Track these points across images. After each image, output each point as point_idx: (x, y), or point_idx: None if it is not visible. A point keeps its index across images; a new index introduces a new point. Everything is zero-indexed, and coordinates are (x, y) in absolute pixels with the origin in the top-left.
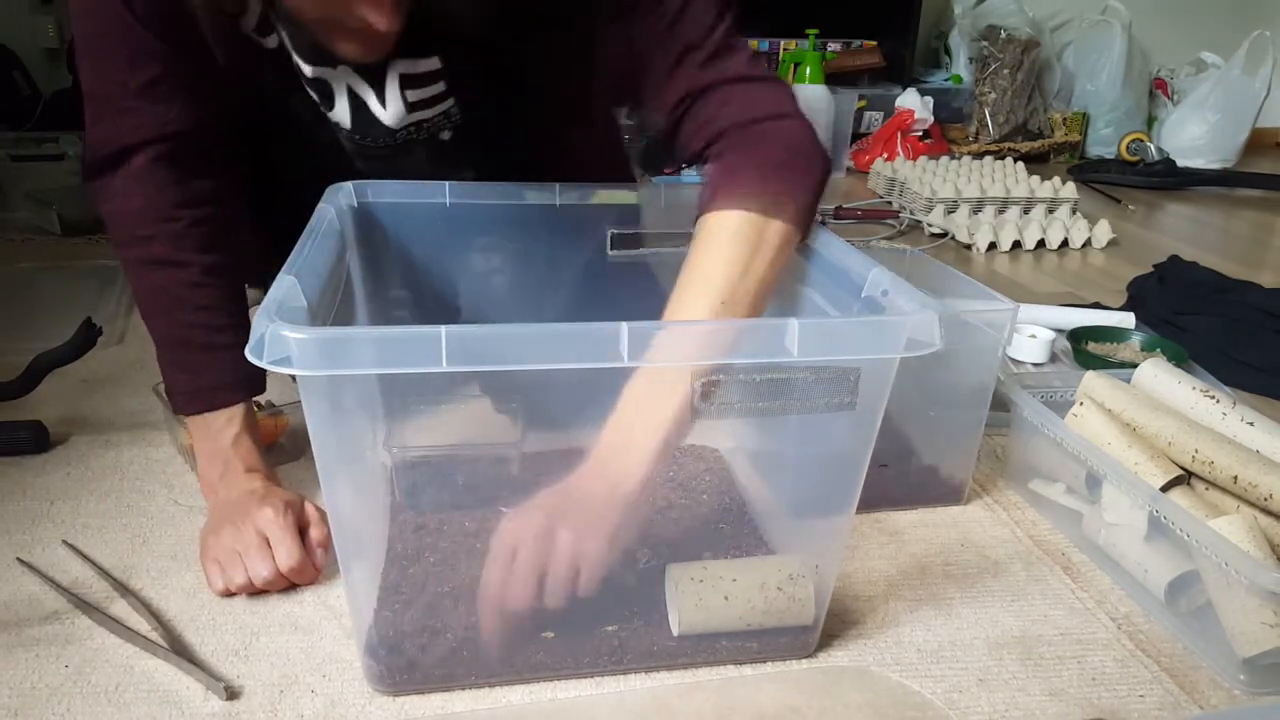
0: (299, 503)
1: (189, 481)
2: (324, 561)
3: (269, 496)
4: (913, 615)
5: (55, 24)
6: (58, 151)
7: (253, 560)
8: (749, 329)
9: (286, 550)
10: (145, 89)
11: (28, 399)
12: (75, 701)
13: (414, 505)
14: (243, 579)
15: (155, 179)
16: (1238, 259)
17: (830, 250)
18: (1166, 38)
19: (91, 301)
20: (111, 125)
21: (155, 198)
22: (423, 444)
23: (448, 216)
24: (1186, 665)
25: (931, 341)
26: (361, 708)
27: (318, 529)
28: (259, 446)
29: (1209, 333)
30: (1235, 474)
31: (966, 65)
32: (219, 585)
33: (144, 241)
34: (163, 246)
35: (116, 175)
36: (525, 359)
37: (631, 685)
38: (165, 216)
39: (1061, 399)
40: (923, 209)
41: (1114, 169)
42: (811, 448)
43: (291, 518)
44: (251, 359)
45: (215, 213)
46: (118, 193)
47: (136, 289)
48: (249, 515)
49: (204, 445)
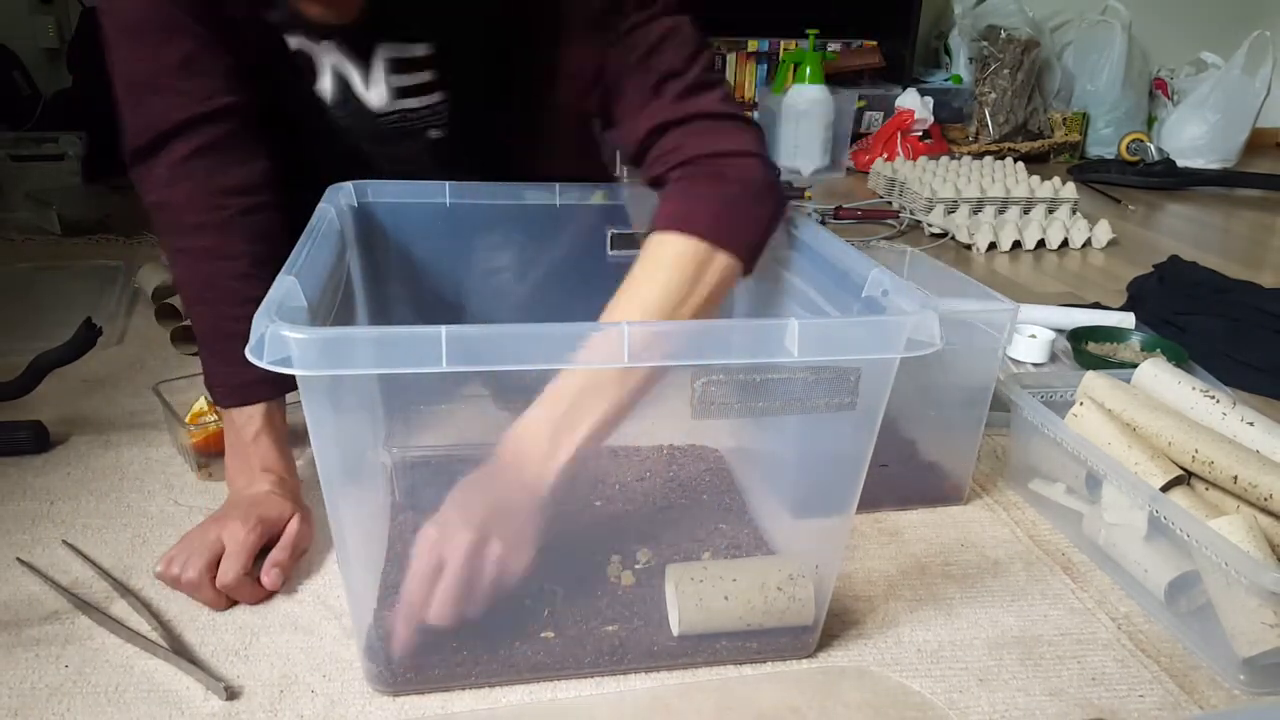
0: (279, 519)
1: (189, 481)
2: (278, 581)
3: (254, 507)
4: (913, 615)
5: (55, 24)
6: (58, 151)
7: (195, 565)
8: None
9: (228, 567)
10: (181, 67)
11: (28, 399)
12: (75, 701)
13: (414, 505)
14: (180, 576)
15: (199, 166)
16: (1238, 259)
17: (830, 250)
18: (1166, 38)
19: (91, 301)
20: (149, 109)
21: (202, 184)
22: (423, 444)
23: (448, 216)
24: (1186, 665)
25: (932, 341)
26: (361, 708)
27: (281, 551)
28: (280, 445)
29: (1209, 333)
30: (1235, 474)
31: (966, 65)
32: (159, 569)
33: (193, 231)
34: (212, 237)
35: (158, 163)
36: (525, 359)
37: (631, 685)
38: (213, 205)
39: (1061, 399)
40: (923, 209)
41: (1114, 169)
42: (812, 448)
43: (255, 536)
44: (252, 359)
45: (263, 200)
46: (162, 182)
47: (182, 278)
48: (223, 521)
49: (229, 438)
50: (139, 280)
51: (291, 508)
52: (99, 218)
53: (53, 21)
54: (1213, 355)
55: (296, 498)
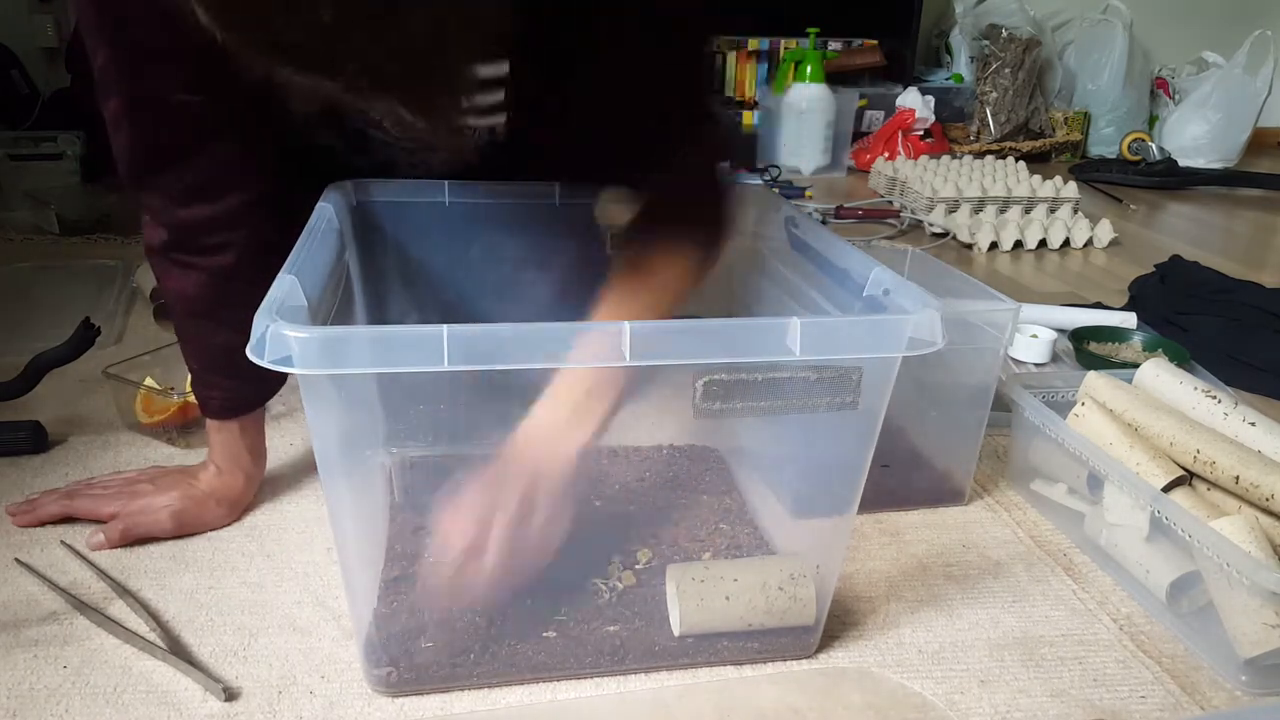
0: (143, 516)
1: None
2: (92, 543)
3: (166, 476)
4: (914, 616)
5: (54, 23)
6: (56, 151)
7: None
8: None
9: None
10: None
11: (26, 399)
12: (74, 702)
13: (414, 505)
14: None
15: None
16: (1239, 259)
17: (831, 250)
18: (1168, 37)
19: (90, 301)
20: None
21: (226, 198)
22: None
23: (447, 215)
24: (1188, 666)
25: (933, 341)
26: (360, 709)
27: (114, 525)
28: (223, 444)
29: (1210, 333)
30: (1237, 474)
31: (968, 64)
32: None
33: (215, 250)
34: (234, 256)
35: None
36: (527, 359)
37: (631, 685)
38: (236, 223)
39: (1063, 399)
40: (924, 208)
41: (1115, 168)
42: (813, 448)
43: (122, 500)
44: (253, 358)
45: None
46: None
47: (193, 294)
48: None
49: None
50: (138, 280)
51: (176, 498)
52: (97, 217)
53: (51, 21)
54: (1214, 355)
55: (206, 494)
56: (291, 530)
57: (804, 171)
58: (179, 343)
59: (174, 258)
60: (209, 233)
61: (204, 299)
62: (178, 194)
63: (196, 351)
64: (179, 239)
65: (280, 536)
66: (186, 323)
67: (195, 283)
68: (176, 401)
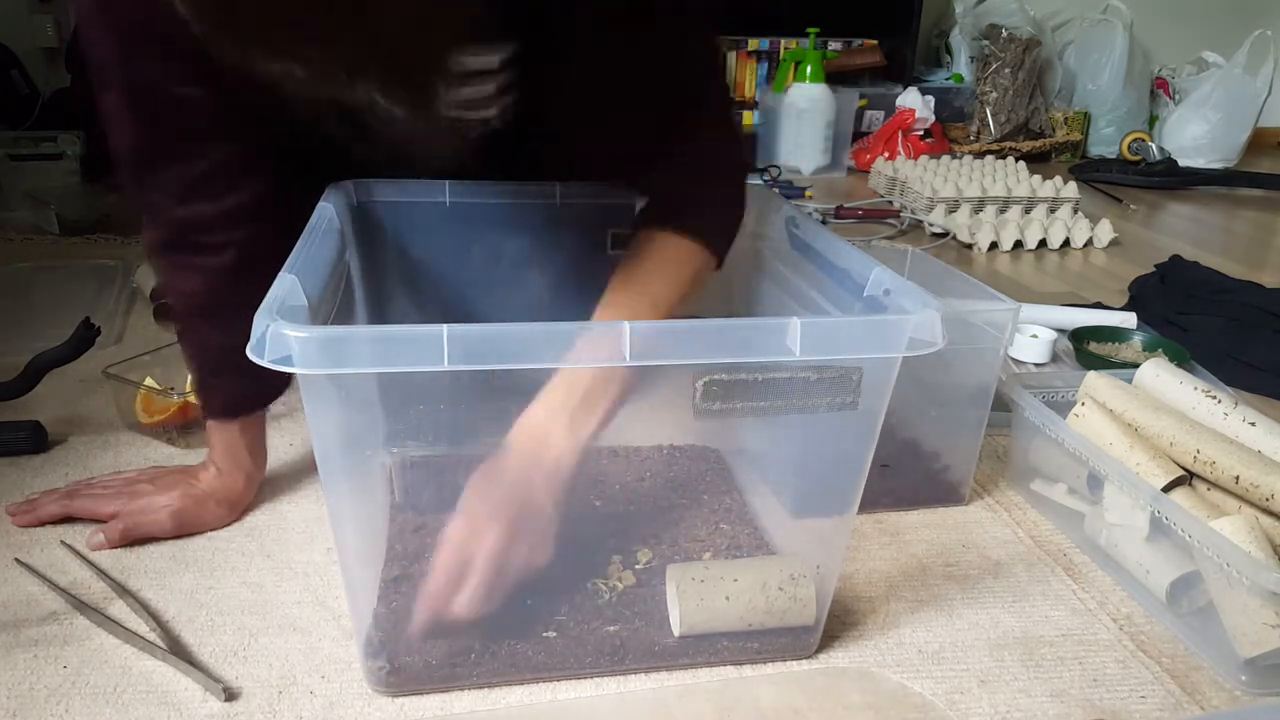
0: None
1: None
2: (92, 543)
3: (166, 475)
4: (914, 616)
5: (54, 23)
6: (56, 151)
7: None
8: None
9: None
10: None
11: (26, 399)
12: (74, 702)
13: (414, 505)
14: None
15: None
16: (1239, 259)
17: (832, 250)
18: (1168, 37)
19: (90, 301)
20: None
21: (226, 197)
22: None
23: (448, 215)
24: (1188, 666)
25: (934, 341)
26: (360, 709)
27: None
28: (223, 445)
29: (1210, 333)
30: (1237, 474)
31: (968, 64)
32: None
33: (215, 249)
34: (234, 255)
35: (171, 172)
36: (527, 358)
37: (631, 685)
38: (236, 223)
39: (1063, 399)
40: (924, 208)
41: (1115, 168)
42: (813, 448)
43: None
44: (253, 357)
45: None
46: (178, 200)
47: (193, 293)
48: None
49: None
50: (138, 280)
51: (176, 498)
52: (97, 217)
53: (51, 21)
54: (1214, 355)
55: (206, 494)
56: (291, 530)
57: (804, 171)
58: (179, 342)
59: (174, 257)
60: (209, 231)
61: (204, 298)
62: (177, 192)
63: (197, 351)
64: (179, 238)
65: (280, 536)
66: (187, 322)
67: (195, 282)
68: (176, 401)
